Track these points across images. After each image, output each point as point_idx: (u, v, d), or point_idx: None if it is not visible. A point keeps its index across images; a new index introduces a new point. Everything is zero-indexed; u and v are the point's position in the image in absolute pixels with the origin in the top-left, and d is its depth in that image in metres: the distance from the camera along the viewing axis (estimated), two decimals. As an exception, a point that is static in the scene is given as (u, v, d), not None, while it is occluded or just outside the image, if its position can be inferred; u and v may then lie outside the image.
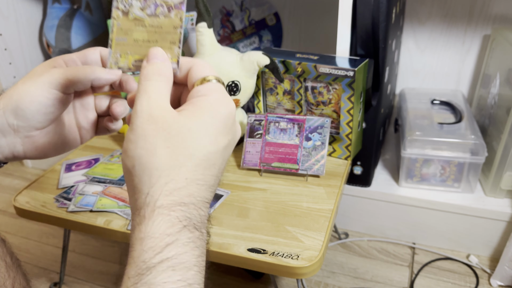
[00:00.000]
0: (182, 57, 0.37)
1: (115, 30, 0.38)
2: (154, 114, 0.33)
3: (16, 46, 1.22)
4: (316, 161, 0.74)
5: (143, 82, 0.35)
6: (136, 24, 0.37)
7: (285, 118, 0.77)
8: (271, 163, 0.75)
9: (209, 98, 0.35)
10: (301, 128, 0.76)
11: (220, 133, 0.34)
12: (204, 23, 0.74)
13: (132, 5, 0.37)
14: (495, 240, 0.88)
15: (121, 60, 0.37)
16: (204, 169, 0.34)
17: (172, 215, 0.32)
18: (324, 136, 0.75)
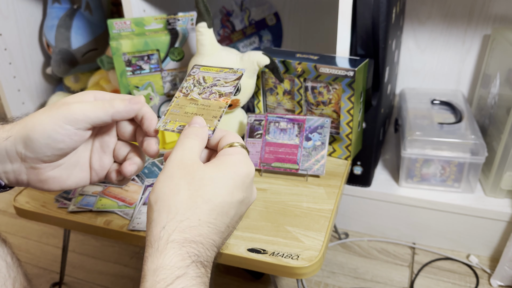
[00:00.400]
0: (218, 128, 0.44)
1: (173, 104, 0.47)
2: (184, 161, 0.38)
3: (16, 46, 1.22)
4: (316, 161, 0.74)
5: (182, 138, 0.41)
6: (191, 102, 0.47)
7: (285, 118, 0.77)
8: (271, 163, 0.75)
9: (233, 158, 0.40)
10: (301, 128, 0.76)
11: (237, 188, 0.39)
12: (204, 23, 0.74)
13: (193, 91, 0.48)
14: (495, 240, 0.88)
15: (168, 124, 0.45)
16: (217, 215, 0.37)
17: (183, 250, 0.35)
18: (324, 136, 0.75)
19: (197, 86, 0.49)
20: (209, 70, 0.51)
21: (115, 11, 1.32)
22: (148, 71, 0.87)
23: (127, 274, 0.92)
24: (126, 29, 0.87)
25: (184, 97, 0.48)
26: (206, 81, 0.49)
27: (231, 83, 0.48)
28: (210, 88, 0.48)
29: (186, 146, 0.40)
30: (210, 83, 0.49)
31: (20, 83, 1.25)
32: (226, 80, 0.49)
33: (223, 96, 0.47)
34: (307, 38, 1.19)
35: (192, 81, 0.49)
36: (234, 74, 0.49)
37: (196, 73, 0.50)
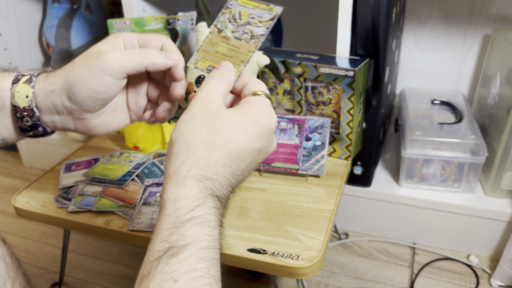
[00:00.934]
0: (243, 73, 0.44)
1: (207, 40, 0.47)
2: (208, 103, 0.39)
3: (16, 46, 1.22)
4: (316, 161, 0.74)
5: (208, 79, 0.42)
6: (223, 41, 0.46)
7: (285, 118, 0.77)
8: (271, 163, 0.75)
9: (255, 107, 0.41)
10: (301, 128, 0.76)
11: (257, 136, 0.40)
12: (204, 23, 0.74)
13: (227, 27, 0.47)
14: (496, 240, 0.88)
15: (199, 62, 0.46)
16: (234, 159, 0.39)
17: (200, 184, 0.37)
18: (324, 136, 0.75)
19: (232, 23, 0.47)
20: (246, 4, 0.47)
21: (115, 11, 1.32)
22: (148, 71, 0.87)
23: (127, 274, 0.92)
24: (126, 29, 0.87)
25: (218, 34, 0.47)
26: (241, 17, 0.47)
27: (264, 24, 0.46)
28: (243, 27, 0.46)
29: (211, 88, 0.41)
30: (244, 20, 0.47)
31: (20, 83, 1.25)
32: (260, 19, 0.46)
33: (254, 38, 0.45)
34: (307, 38, 1.19)
35: (228, 16, 0.47)
36: (269, 13, 0.46)
37: (233, 6, 0.48)
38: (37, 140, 1.26)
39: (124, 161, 0.81)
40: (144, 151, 0.85)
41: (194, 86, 0.78)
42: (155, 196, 0.70)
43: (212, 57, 0.46)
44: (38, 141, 1.26)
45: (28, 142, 1.28)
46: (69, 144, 1.20)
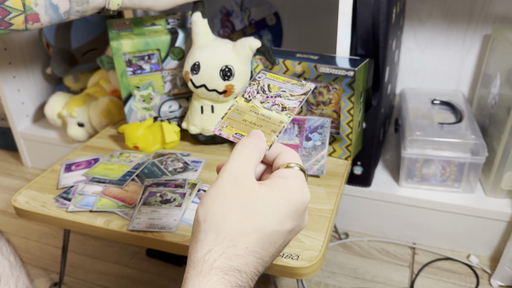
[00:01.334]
0: (275, 143, 0.43)
1: (233, 108, 0.46)
2: (239, 178, 0.37)
3: (15, 46, 1.22)
4: (316, 161, 0.74)
5: (239, 147, 0.39)
6: (251, 110, 0.46)
7: None
8: None
9: (289, 182, 0.38)
10: (301, 128, 0.76)
11: (289, 217, 0.37)
12: (198, 12, 0.79)
13: (255, 97, 0.47)
14: (496, 240, 0.88)
15: (225, 129, 0.44)
16: (265, 244, 0.36)
17: (225, 278, 0.34)
18: (324, 136, 0.75)
19: (261, 94, 0.47)
20: (275, 78, 0.49)
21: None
22: (148, 71, 0.87)
23: (127, 274, 0.92)
24: (125, 29, 0.87)
25: (245, 103, 0.46)
26: (271, 89, 0.47)
27: (297, 97, 0.46)
28: (273, 99, 0.46)
29: (243, 158, 0.38)
30: (274, 93, 0.47)
31: (20, 83, 1.25)
32: (292, 93, 0.47)
33: (286, 110, 0.45)
34: (307, 38, 1.19)
35: (256, 87, 0.48)
36: (301, 88, 0.47)
37: (262, 79, 0.49)
38: (37, 140, 1.26)
39: (124, 161, 0.81)
40: (144, 151, 0.85)
41: (190, 74, 0.79)
42: (155, 196, 0.70)
43: (239, 125, 0.44)
44: (38, 141, 1.26)
45: (28, 142, 1.28)
46: (69, 144, 1.20)
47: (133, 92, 0.88)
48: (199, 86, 0.79)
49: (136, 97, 0.89)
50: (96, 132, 1.12)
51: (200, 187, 0.73)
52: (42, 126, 1.29)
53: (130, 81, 0.87)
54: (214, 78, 0.78)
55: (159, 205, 0.68)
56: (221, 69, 0.77)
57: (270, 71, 0.49)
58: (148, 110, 0.91)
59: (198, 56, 0.78)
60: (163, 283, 0.89)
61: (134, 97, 0.89)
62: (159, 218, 0.66)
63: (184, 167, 0.79)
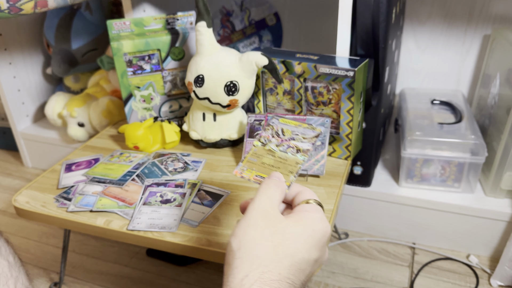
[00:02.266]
0: (293, 183, 0.47)
1: (251, 152, 0.51)
2: (268, 211, 0.40)
3: (16, 46, 1.23)
4: (316, 161, 0.74)
5: (264, 187, 0.43)
6: (268, 153, 0.50)
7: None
8: None
9: (311, 215, 0.41)
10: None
11: (314, 246, 0.40)
12: (203, 22, 0.74)
13: (271, 141, 0.52)
14: (495, 240, 0.89)
15: (245, 172, 0.49)
16: (295, 271, 0.38)
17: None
18: (324, 136, 0.75)
19: (275, 138, 0.52)
20: (288, 123, 0.54)
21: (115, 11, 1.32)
22: (149, 71, 0.87)
23: (127, 274, 0.92)
24: (125, 29, 0.87)
25: (262, 147, 0.51)
26: (284, 133, 0.53)
27: (309, 140, 0.51)
28: (288, 142, 0.51)
29: (269, 195, 0.42)
30: (288, 136, 0.52)
31: (20, 83, 1.25)
32: (305, 136, 0.52)
33: (300, 152, 0.50)
34: (307, 38, 1.19)
35: (271, 132, 0.53)
36: (312, 131, 0.53)
37: (275, 124, 0.54)
38: (38, 140, 1.26)
39: (124, 161, 0.81)
40: (144, 151, 0.86)
41: (193, 86, 0.78)
42: (155, 196, 0.70)
43: (258, 168, 0.49)
44: (38, 141, 1.26)
45: (29, 142, 1.28)
46: (69, 144, 1.20)
47: (134, 92, 0.88)
48: (203, 98, 0.79)
49: (137, 97, 0.89)
50: (96, 132, 1.12)
51: (200, 187, 0.73)
52: (42, 126, 1.30)
53: (130, 81, 0.87)
54: (218, 93, 0.77)
55: (159, 205, 0.68)
56: (225, 85, 0.76)
57: (282, 116, 0.56)
58: (148, 110, 0.91)
59: (202, 68, 0.77)
60: (163, 283, 0.89)
61: (134, 97, 0.89)
62: (159, 218, 0.66)
63: (184, 167, 0.79)
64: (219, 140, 0.84)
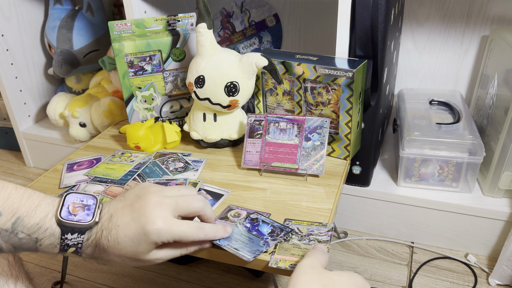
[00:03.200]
0: None
1: (277, 249, 0.57)
2: (315, 265, 0.47)
3: (17, 47, 1.23)
4: (316, 161, 0.75)
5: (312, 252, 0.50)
6: (294, 247, 0.57)
7: (285, 119, 0.78)
8: (271, 163, 0.76)
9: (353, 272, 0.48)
10: (300, 128, 0.77)
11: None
12: (204, 23, 0.75)
13: (292, 238, 0.59)
14: (493, 239, 0.89)
15: (280, 263, 0.54)
16: None
17: None
18: (324, 136, 0.76)
19: (295, 235, 0.59)
20: (301, 223, 0.62)
21: (116, 13, 1.33)
22: (150, 72, 0.88)
23: (128, 272, 0.92)
24: (126, 30, 0.88)
25: (286, 242, 0.58)
26: (301, 231, 0.60)
27: (325, 233, 0.60)
28: (307, 237, 0.59)
29: (316, 257, 0.49)
30: (306, 233, 0.60)
31: (22, 83, 1.26)
32: (320, 231, 0.60)
33: (322, 242, 0.57)
34: (307, 39, 1.20)
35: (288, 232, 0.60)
36: (324, 227, 0.61)
37: (290, 225, 0.62)
38: (40, 140, 1.27)
39: (126, 160, 0.82)
40: (145, 151, 0.86)
41: (194, 87, 0.79)
42: (156, 195, 0.71)
43: (290, 258, 0.55)
44: (40, 141, 1.27)
45: (31, 142, 1.29)
46: (71, 144, 1.21)
47: (135, 93, 0.89)
48: (203, 98, 0.80)
49: (138, 98, 0.90)
50: (98, 132, 1.13)
51: (200, 186, 0.74)
52: (44, 126, 1.30)
53: (132, 81, 0.88)
54: (219, 93, 0.78)
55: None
56: (226, 85, 0.77)
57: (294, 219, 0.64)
58: (149, 111, 0.92)
59: (203, 69, 0.77)
60: (164, 281, 0.89)
61: (136, 97, 0.90)
62: (160, 217, 0.66)
63: (185, 167, 0.80)
64: (219, 140, 0.85)
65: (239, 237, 0.59)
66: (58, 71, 1.21)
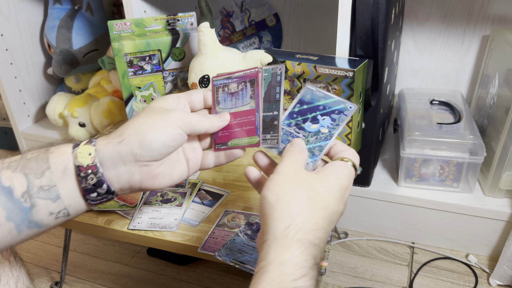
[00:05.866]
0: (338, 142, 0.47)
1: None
2: (298, 169, 0.43)
3: (17, 47, 1.23)
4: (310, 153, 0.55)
5: (291, 148, 0.45)
6: None
7: (234, 78, 0.55)
8: (227, 142, 0.53)
9: (340, 171, 0.43)
10: (254, 85, 0.54)
11: (342, 199, 0.42)
12: (206, 23, 0.75)
13: None
14: (494, 239, 0.89)
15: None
16: (329, 222, 0.41)
17: (306, 251, 0.38)
18: (337, 125, 0.50)
19: None
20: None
21: (116, 12, 1.33)
22: (149, 71, 0.88)
23: (128, 273, 0.92)
24: (126, 30, 0.87)
25: None
26: None
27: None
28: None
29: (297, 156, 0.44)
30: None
31: (21, 83, 1.26)
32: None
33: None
34: (307, 38, 1.20)
35: None
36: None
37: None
38: (39, 140, 1.26)
39: (125, 161, 0.81)
40: (145, 151, 0.86)
41: (198, 87, 0.79)
42: (156, 196, 0.71)
43: None
44: (39, 141, 1.26)
45: (30, 142, 1.29)
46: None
47: (135, 93, 0.89)
48: None
49: (138, 98, 0.90)
50: (97, 132, 1.13)
51: (200, 186, 0.73)
52: (43, 126, 1.30)
53: (131, 81, 0.88)
54: None
55: (160, 204, 0.69)
56: None
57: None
58: (149, 111, 0.91)
59: (207, 68, 0.77)
60: (164, 282, 0.89)
61: (135, 97, 0.89)
62: (160, 218, 0.66)
63: (184, 167, 0.79)
64: (219, 140, 0.84)
65: (242, 248, 0.57)
66: (57, 71, 1.21)
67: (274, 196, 0.40)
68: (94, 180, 0.44)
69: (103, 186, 0.45)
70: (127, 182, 0.46)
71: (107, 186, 0.45)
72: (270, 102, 0.52)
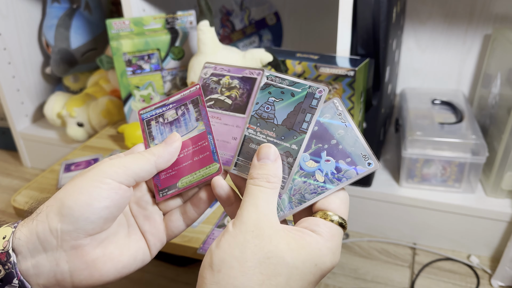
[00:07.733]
0: None
1: None
2: (262, 228, 0.32)
3: (15, 46, 1.22)
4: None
5: (255, 190, 0.34)
6: None
7: (170, 104, 0.44)
8: (176, 183, 0.41)
9: (322, 244, 0.32)
10: (197, 104, 0.43)
11: (313, 282, 0.32)
12: (206, 21, 0.74)
13: None
14: (496, 240, 0.88)
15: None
16: None
17: None
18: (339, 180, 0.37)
19: None
20: None
21: (114, 11, 1.32)
22: (148, 71, 0.87)
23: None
24: (125, 29, 0.87)
25: None
26: None
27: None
28: None
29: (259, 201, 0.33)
30: None
31: (19, 82, 1.25)
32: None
33: None
34: (307, 37, 1.19)
35: None
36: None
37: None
38: (37, 140, 1.26)
39: (124, 161, 0.81)
40: (143, 151, 0.85)
41: None
42: (155, 196, 0.70)
43: None
44: (37, 141, 1.26)
45: (28, 142, 1.28)
46: (69, 144, 1.20)
47: (133, 92, 0.88)
48: None
49: (136, 97, 0.89)
50: (95, 132, 1.12)
51: (200, 187, 0.72)
52: (41, 126, 1.29)
53: (130, 81, 0.87)
54: None
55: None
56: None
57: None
58: (147, 110, 0.91)
59: None
60: (163, 283, 0.88)
61: (134, 97, 0.89)
62: (159, 219, 0.65)
63: (184, 167, 0.79)
64: (219, 140, 0.83)
65: None
66: (55, 70, 1.20)
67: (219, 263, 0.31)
68: (2, 272, 0.32)
69: (14, 282, 0.33)
70: (52, 276, 0.34)
71: (19, 282, 0.33)
72: (291, 129, 0.38)
